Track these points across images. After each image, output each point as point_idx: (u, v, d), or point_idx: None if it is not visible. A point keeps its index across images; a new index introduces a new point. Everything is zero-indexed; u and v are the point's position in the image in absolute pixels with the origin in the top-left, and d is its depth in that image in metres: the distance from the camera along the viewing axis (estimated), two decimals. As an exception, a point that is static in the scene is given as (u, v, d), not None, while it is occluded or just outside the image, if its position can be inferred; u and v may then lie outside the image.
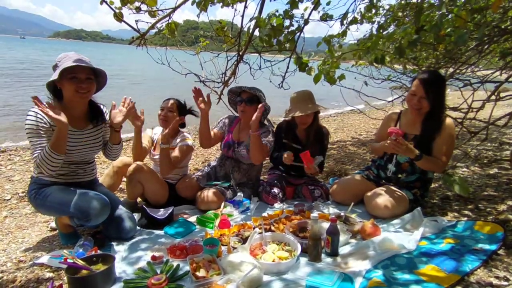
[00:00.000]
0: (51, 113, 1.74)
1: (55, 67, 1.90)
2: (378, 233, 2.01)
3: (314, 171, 2.60)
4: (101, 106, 2.17)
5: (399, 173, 2.40)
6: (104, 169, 3.72)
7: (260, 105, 2.40)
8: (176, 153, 2.56)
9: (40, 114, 1.86)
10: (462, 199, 2.59)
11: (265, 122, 2.77)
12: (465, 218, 2.28)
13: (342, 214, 2.24)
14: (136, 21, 2.61)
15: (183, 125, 2.77)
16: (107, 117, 2.17)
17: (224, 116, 2.92)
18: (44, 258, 1.87)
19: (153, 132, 2.87)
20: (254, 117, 2.40)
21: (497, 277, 1.60)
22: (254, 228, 2.09)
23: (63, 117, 1.78)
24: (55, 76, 1.84)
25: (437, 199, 2.66)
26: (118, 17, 2.46)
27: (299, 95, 2.67)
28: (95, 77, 1.98)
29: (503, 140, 4.49)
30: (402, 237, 1.98)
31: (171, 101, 2.68)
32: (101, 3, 2.40)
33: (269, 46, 2.79)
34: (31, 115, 1.85)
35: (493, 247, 1.82)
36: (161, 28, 2.77)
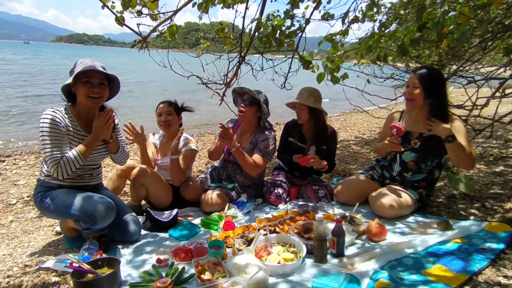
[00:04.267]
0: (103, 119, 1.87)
1: (71, 72, 1.93)
2: (384, 233, 1.99)
3: (319, 165, 2.58)
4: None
5: (404, 172, 2.38)
6: (108, 172, 3.73)
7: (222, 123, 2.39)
8: (181, 161, 2.57)
9: (56, 116, 1.87)
10: (468, 198, 2.56)
11: (266, 125, 2.69)
12: (472, 217, 2.26)
13: (347, 214, 2.22)
14: (138, 24, 2.62)
15: (179, 124, 2.79)
16: (116, 122, 2.21)
17: (227, 120, 2.90)
18: (50, 263, 1.87)
19: (155, 138, 2.87)
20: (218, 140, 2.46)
21: (505, 276, 1.58)
22: (258, 230, 2.09)
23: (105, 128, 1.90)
24: (69, 80, 1.87)
25: (442, 198, 2.64)
26: (120, 21, 2.47)
27: (305, 88, 2.70)
28: (109, 83, 2.01)
29: (509, 137, 4.44)
30: (409, 238, 1.97)
31: (168, 105, 2.68)
32: (102, 8, 2.42)
33: (269, 46, 2.79)
34: (47, 117, 1.85)
35: (501, 246, 1.80)
36: (163, 31, 2.78)
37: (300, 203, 2.56)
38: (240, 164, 2.51)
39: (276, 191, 2.65)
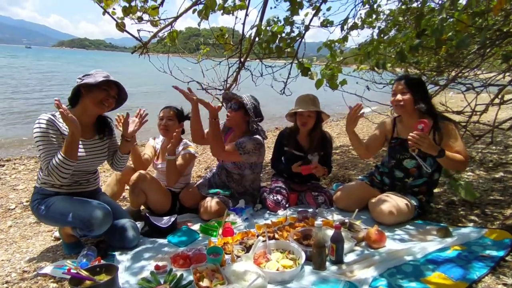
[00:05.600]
0: (70, 114, 1.78)
1: (86, 75, 1.99)
2: (383, 240, 1.99)
3: (321, 172, 2.63)
4: (108, 119, 2.21)
5: (406, 178, 2.38)
6: (107, 177, 3.73)
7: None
8: (179, 161, 2.56)
9: (51, 121, 1.87)
10: (468, 204, 2.55)
11: (258, 129, 2.57)
12: (472, 224, 2.25)
13: (346, 220, 2.21)
14: (138, 30, 2.64)
15: (182, 131, 2.77)
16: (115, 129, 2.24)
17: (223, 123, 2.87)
18: (48, 269, 1.86)
19: (155, 142, 2.87)
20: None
21: (505, 284, 1.57)
22: (257, 236, 2.08)
23: (77, 121, 1.82)
24: (95, 80, 1.92)
25: (442, 204, 2.63)
26: (120, 27, 2.50)
27: (304, 95, 2.70)
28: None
29: (509, 143, 4.44)
30: (409, 246, 1.96)
31: (170, 110, 2.69)
32: (103, 14, 2.44)
33: (269, 52, 2.81)
34: (42, 122, 1.86)
35: (501, 253, 1.80)
36: (163, 37, 2.81)
37: (300, 209, 2.56)
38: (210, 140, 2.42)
39: (275, 197, 2.65)
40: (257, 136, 2.51)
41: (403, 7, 3.24)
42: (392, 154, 2.43)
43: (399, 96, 2.24)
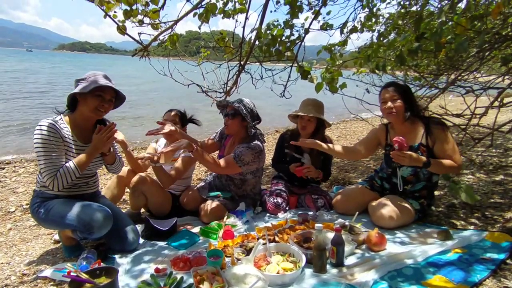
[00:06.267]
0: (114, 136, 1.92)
1: (80, 80, 1.95)
2: (384, 243, 1.98)
3: (314, 174, 2.61)
4: (107, 123, 2.19)
5: (404, 185, 2.37)
6: (107, 179, 3.73)
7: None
8: (178, 164, 2.55)
9: (52, 127, 1.86)
10: (468, 207, 2.55)
11: (257, 134, 2.54)
12: (472, 227, 2.24)
13: (346, 223, 2.20)
14: (139, 33, 2.65)
15: None
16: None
17: (222, 127, 2.84)
18: (48, 272, 1.86)
19: (157, 144, 2.87)
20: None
21: (506, 287, 1.57)
22: (258, 239, 2.08)
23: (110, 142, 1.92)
24: (85, 88, 1.88)
25: (442, 207, 2.63)
26: (122, 30, 2.51)
27: (309, 99, 2.71)
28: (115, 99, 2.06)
29: (509, 146, 4.44)
30: (409, 248, 1.95)
31: (173, 113, 2.69)
32: (104, 17, 2.45)
33: (269, 55, 2.82)
34: (43, 128, 1.84)
35: (502, 256, 1.79)
36: (164, 40, 2.82)
37: (300, 212, 2.55)
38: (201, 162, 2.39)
39: (275, 200, 2.64)
40: (256, 142, 2.47)
41: (402, 10, 3.27)
42: (388, 162, 2.42)
43: (390, 104, 2.22)
